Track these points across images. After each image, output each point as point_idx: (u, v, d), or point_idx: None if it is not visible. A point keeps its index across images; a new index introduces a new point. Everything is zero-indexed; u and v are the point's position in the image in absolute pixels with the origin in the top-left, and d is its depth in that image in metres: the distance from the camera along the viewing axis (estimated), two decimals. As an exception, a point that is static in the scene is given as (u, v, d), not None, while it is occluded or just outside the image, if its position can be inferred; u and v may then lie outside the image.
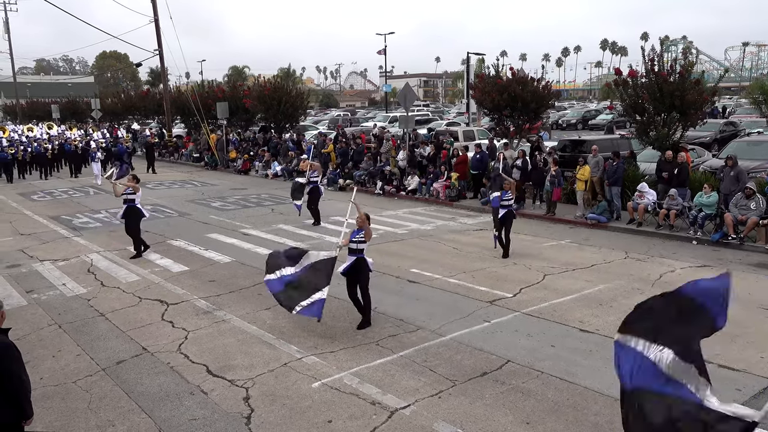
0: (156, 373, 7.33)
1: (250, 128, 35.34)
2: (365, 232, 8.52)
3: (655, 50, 16.66)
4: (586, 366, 7.20)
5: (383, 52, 65.95)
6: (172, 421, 6.23)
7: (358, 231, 8.58)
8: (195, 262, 12.51)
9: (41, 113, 60.23)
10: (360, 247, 8.49)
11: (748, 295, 9.65)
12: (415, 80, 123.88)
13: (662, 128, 16.66)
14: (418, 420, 6.08)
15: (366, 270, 8.55)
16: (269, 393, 6.74)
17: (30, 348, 8.04)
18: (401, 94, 23.23)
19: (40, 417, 6.17)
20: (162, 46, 34.58)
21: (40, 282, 11.29)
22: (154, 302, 9.97)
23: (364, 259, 8.51)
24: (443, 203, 19.07)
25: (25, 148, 29.40)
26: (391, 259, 12.33)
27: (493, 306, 9.40)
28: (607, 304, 9.39)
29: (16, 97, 69.72)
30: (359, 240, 8.51)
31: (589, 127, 43.90)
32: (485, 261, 12.11)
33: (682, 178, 14.59)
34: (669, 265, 11.57)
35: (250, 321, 8.98)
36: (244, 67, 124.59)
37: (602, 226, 15.08)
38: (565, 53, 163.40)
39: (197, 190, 23.30)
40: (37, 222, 17.38)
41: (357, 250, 8.50)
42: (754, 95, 36.89)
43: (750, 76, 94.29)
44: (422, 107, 64.22)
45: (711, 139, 24.86)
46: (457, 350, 7.76)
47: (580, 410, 6.19)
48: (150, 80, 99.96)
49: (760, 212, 12.65)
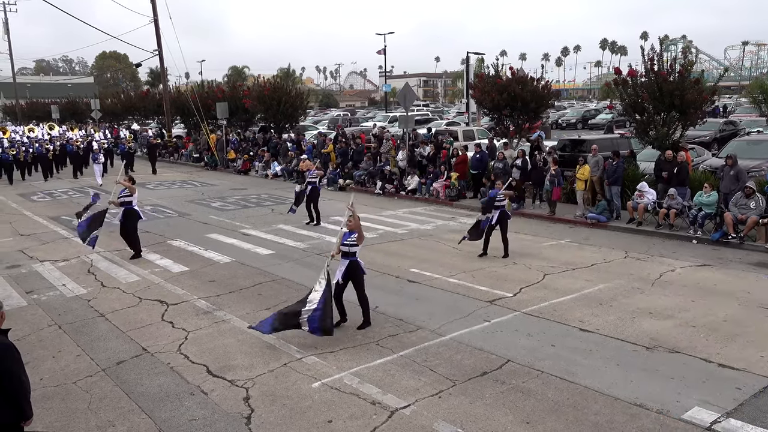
0: (156, 373, 7.33)
1: (249, 128, 35.34)
2: (358, 234, 8.46)
3: (654, 50, 16.65)
4: (586, 365, 7.20)
5: (383, 52, 65.99)
6: (172, 421, 6.23)
7: (350, 233, 8.50)
8: (195, 262, 12.51)
9: (41, 114, 60.20)
10: (352, 250, 8.40)
11: (747, 294, 9.66)
12: (415, 80, 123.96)
13: (662, 128, 16.65)
14: (419, 420, 6.08)
15: (360, 272, 8.48)
16: (269, 393, 6.74)
17: (30, 349, 8.05)
18: (401, 94, 23.22)
19: (40, 418, 6.17)
20: (162, 46, 34.60)
21: (40, 282, 11.28)
22: (154, 302, 9.97)
23: (357, 261, 8.45)
24: (443, 203, 19.07)
25: (26, 149, 29.28)
26: (391, 258, 12.33)
27: (493, 306, 9.40)
28: (607, 303, 9.39)
29: (16, 97, 69.71)
30: (351, 243, 8.41)
31: (588, 126, 43.90)
32: (485, 261, 12.11)
33: (682, 177, 14.59)
34: (669, 264, 11.56)
35: (250, 321, 8.96)
36: (244, 67, 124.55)
37: (602, 225, 15.08)
38: (564, 53, 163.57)
39: (197, 191, 23.31)
40: (37, 222, 17.38)
41: (349, 252, 8.42)
42: (754, 94, 36.94)
43: (750, 76, 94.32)
44: (422, 107, 64.25)
45: (711, 139, 24.87)
46: (457, 350, 7.76)
47: (580, 410, 6.19)
48: (150, 80, 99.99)
49: (760, 211, 12.64)
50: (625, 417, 6.01)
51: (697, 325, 8.40)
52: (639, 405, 6.21)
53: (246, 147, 30.84)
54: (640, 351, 7.60)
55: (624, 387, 6.61)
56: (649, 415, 6.03)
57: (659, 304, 9.28)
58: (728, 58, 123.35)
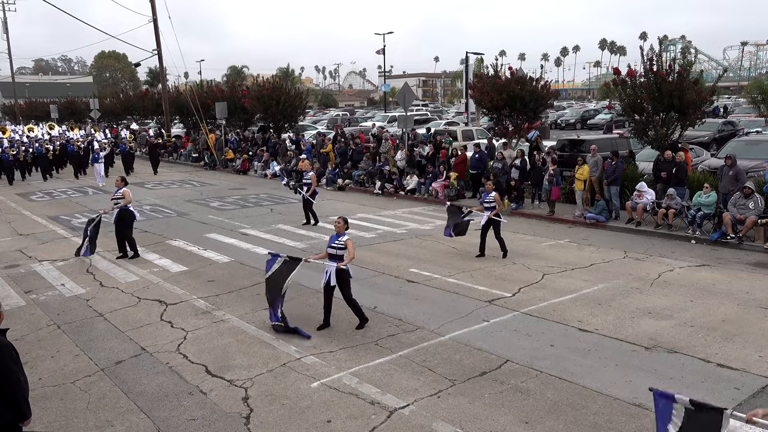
0: (155, 373, 7.32)
1: (248, 128, 35.34)
2: (348, 252, 8.15)
3: (653, 50, 16.68)
4: (584, 365, 7.21)
5: (382, 52, 65.98)
6: (170, 421, 6.22)
7: (337, 236, 8.30)
8: (194, 262, 12.50)
9: (40, 113, 60.17)
10: (339, 254, 8.18)
11: (746, 294, 9.67)
12: (414, 80, 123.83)
13: (661, 128, 16.68)
14: (417, 420, 6.08)
15: (346, 275, 8.26)
16: (268, 393, 6.74)
17: (28, 348, 8.04)
18: (400, 94, 23.21)
19: (39, 417, 6.17)
20: (161, 46, 34.63)
21: (38, 282, 11.27)
22: (152, 302, 9.96)
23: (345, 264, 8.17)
24: (442, 203, 19.05)
25: (26, 149, 28.97)
26: (390, 258, 12.33)
27: (492, 305, 9.40)
28: (605, 303, 9.39)
29: (15, 97, 69.68)
30: (339, 246, 8.20)
31: (587, 126, 43.94)
32: (484, 260, 12.11)
33: (680, 177, 14.61)
34: (668, 264, 11.57)
35: (249, 321, 8.97)
36: (243, 67, 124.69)
37: (601, 225, 15.09)
38: (563, 53, 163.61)
39: (196, 190, 23.29)
40: (36, 222, 17.37)
41: (336, 256, 8.20)
42: (753, 95, 36.93)
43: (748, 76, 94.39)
44: (421, 107, 64.23)
45: (710, 139, 24.90)
46: (456, 350, 7.76)
47: (579, 410, 6.19)
48: (149, 80, 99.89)
49: (759, 211, 12.65)
50: (624, 417, 6.01)
51: (696, 325, 8.41)
52: (638, 405, 6.22)
53: (245, 147, 30.84)
54: (639, 351, 7.60)
55: (623, 387, 6.62)
56: (648, 414, 6.02)
57: (658, 304, 9.29)
58: (727, 59, 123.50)
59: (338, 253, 8.20)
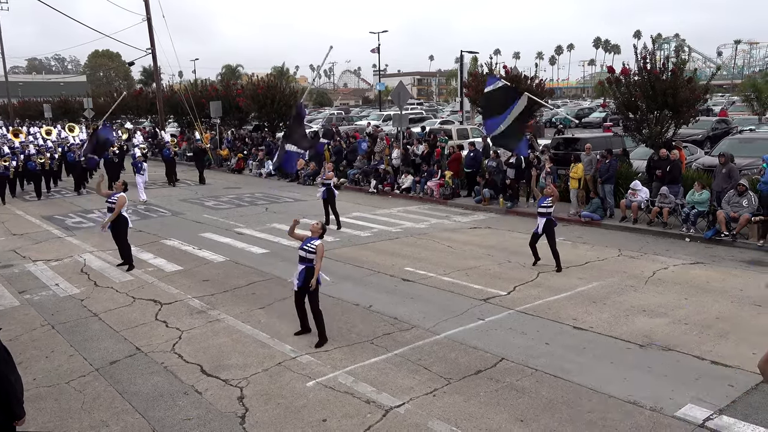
0: (150, 373, 7.30)
1: (243, 127, 35.26)
2: (317, 256, 7.72)
3: (647, 48, 16.72)
4: (579, 363, 7.22)
5: (377, 51, 65.84)
6: (165, 421, 6.21)
7: (310, 239, 7.91)
8: (189, 261, 12.47)
9: (33, 113, 59.83)
10: (310, 257, 7.76)
11: (740, 291, 9.71)
12: (409, 79, 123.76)
13: (655, 126, 16.73)
14: (413, 418, 6.09)
15: (316, 284, 7.80)
16: (264, 392, 6.73)
17: (23, 349, 8.01)
18: (395, 93, 23.20)
19: (34, 418, 6.15)
20: (155, 44, 34.41)
21: (32, 282, 11.22)
22: (147, 302, 9.93)
23: (313, 270, 7.72)
24: (437, 201, 19.07)
25: (51, 155, 24.16)
26: (386, 257, 12.33)
27: (488, 304, 9.42)
28: (600, 301, 9.42)
29: (8, 96, 69.16)
30: (310, 249, 7.77)
31: (582, 125, 44.02)
32: (479, 259, 12.13)
33: (674, 175, 14.65)
34: (662, 262, 11.61)
35: (244, 320, 8.96)
36: (238, 66, 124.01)
37: (595, 223, 15.12)
38: (558, 51, 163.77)
39: (191, 189, 23.23)
40: (30, 222, 17.29)
41: (306, 259, 7.80)
42: (746, 93, 37.10)
43: (742, 74, 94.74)
44: (416, 105, 64.24)
45: (703, 137, 24.98)
46: (452, 348, 7.76)
47: (574, 407, 6.21)
48: (143, 79, 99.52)
49: (752, 209, 12.71)
50: (619, 414, 6.03)
51: (690, 322, 8.44)
52: (632, 402, 6.24)
53: (240, 146, 30.77)
54: (634, 349, 7.62)
55: (617, 384, 6.64)
56: (643, 412, 6.06)
57: (652, 301, 9.32)
58: (721, 57, 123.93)
59: (308, 256, 7.79)
